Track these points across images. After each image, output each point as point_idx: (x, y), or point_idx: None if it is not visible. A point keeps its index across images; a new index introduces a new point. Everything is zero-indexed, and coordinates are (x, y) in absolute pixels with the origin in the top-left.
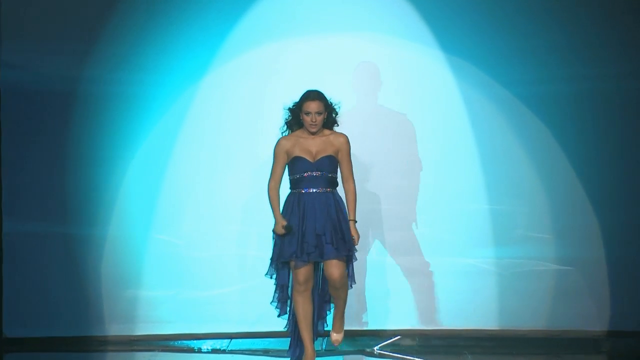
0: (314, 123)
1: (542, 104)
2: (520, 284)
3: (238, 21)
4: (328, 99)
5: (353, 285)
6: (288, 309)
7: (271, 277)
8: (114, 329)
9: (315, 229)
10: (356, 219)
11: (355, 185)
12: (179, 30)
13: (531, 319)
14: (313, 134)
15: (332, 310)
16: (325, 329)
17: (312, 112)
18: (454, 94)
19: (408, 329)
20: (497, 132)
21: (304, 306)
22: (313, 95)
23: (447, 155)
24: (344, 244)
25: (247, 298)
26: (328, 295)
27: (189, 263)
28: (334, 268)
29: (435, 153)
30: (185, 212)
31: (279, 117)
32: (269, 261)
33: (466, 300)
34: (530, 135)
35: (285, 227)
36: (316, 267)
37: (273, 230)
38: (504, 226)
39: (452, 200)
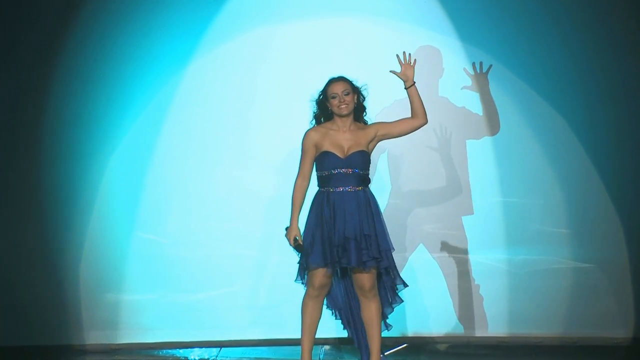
0: (343, 103)
1: (558, 94)
2: (534, 283)
3: (225, 4)
4: (354, 81)
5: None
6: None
7: (302, 283)
8: (94, 337)
9: (344, 232)
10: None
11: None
12: (161, 15)
13: (546, 323)
14: (344, 116)
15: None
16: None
17: (338, 93)
18: (467, 83)
19: (413, 336)
20: (511, 122)
21: (312, 312)
22: (336, 78)
23: (459, 146)
24: (377, 249)
25: (239, 302)
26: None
27: (176, 264)
28: (364, 276)
29: (446, 145)
30: (172, 208)
31: (271, 107)
32: (298, 265)
33: (474, 302)
34: (546, 125)
35: (295, 243)
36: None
37: (285, 236)
38: (517, 220)
39: (462, 193)
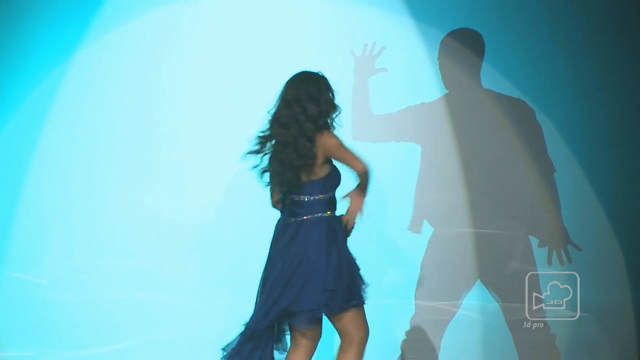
0: None
1: (547, 90)
2: (516, 338)
3: None
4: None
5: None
6: None
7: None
8: None
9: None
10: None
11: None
12: None
13: None
14: None
15: None
16: None
17: None
18: (434, 75)
19: None
20: (484, 128)
21: None
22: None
23: (413, 160)
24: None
25: None
26: None
27: (58, 312)
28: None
29: (406, 157)
30: (52, 240)
31: (187, 108)
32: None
33: None
34: (530, 134)
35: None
36: None
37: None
38: (491, 257)
39: (411, 221)
